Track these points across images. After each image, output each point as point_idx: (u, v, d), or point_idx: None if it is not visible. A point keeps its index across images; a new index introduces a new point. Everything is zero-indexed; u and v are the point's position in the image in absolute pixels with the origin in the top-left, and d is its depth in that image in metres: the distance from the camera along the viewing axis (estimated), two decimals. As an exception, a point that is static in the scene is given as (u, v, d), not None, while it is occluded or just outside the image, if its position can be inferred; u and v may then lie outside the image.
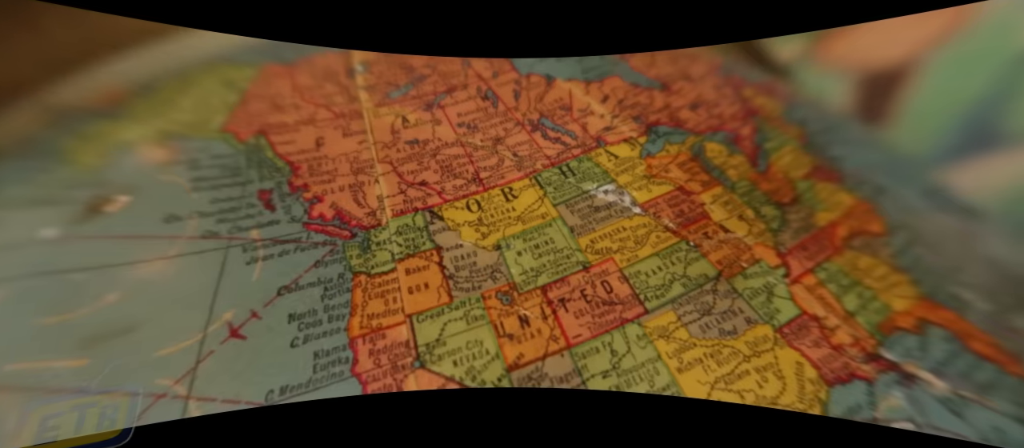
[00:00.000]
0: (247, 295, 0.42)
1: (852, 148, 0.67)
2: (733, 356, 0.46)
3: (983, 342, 0.44)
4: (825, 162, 0.64)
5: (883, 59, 0.64)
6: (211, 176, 0.50)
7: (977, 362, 0.42)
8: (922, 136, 0.60)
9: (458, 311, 0.48)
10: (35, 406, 0.35)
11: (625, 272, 0.53)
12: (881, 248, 0.53)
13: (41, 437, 0.34)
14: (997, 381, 0.41)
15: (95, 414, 0.35)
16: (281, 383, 0.39)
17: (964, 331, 0.44)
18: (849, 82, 0.66)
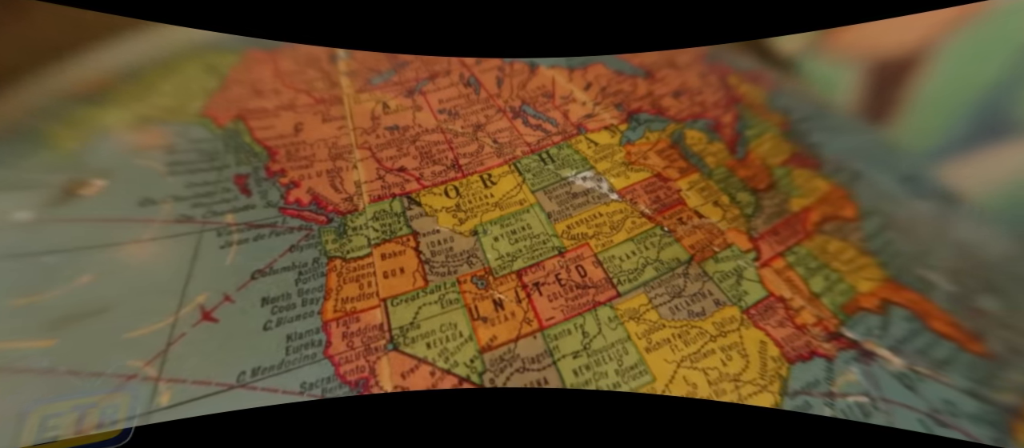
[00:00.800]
0: (220, 279, 0.42)
1: (833, 135, 0.66)
2: (700, 336, 0.45)
3: (943, 321, 0.44)
4: (804, 149, 0.63)
5: (894, 46, 0.61)
6: (188, 160, 0.49)
7: (936, 340, 0.42)
8: (933, 125, 0.57)
9: (433, 295, 0.48)
10: (34, 406, 0.34)
11: (600, 257, 0.52)
12: (852, 232, 0.53)
13: (41, 437, 0.34)
14: (954, 357, 0.41)
15: (95, 414, 0.35)
16: (253, 365, 0.39)
17: (926, 311, 0.44)
18: (858, 71, 0.63)
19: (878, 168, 0.60)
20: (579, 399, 0.43)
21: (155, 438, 0.35)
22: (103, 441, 0.35)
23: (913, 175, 0.58)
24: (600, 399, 0.43)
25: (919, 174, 0.57)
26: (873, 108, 0.62)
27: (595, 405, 0.43)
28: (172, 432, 0.35)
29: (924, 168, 0.56)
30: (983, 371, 0.41)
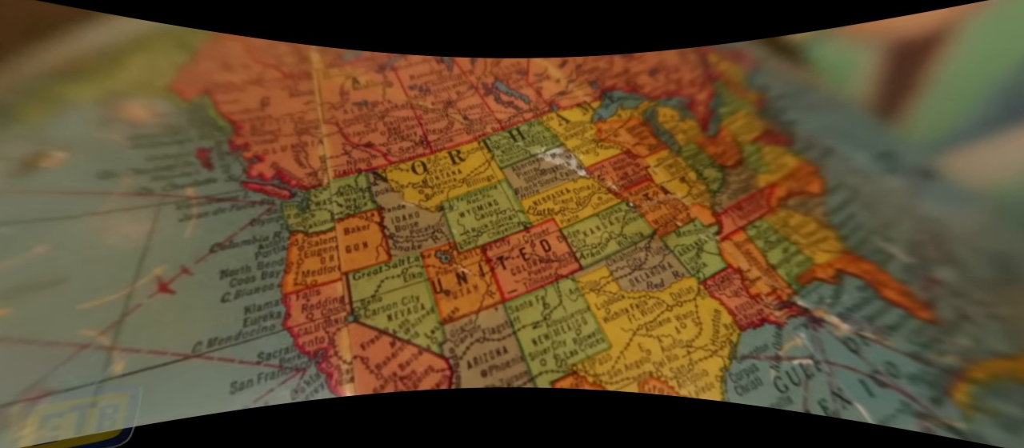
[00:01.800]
0: (178, 251, 0.41)
1: (810, 112, 0.64)
2: (657, 306, 0.45)
3: (896, 291, 0.43)
4: (777, 126, 0.62)
5: (914, 24, 0.57)
6: (151, 134, 0.48)
7: (886, 307, 0.42)
8: (954, 107, 0.54)
9: (396, 269, 0.47)
10: (35, 406, 0.34)
11: (565, 232, 0.52)
12: (815, 207, 0.52)
13: (41, 437, 0.33)
14: (901, 323, 0.41)
15: (95, 414, 0.35)
16: (210, 336, 0.39)
17: (880, 281, 0.44)
18: (875, 52, 0.59)
19: (853, 145, 0.59)
20: (578, 399, 0.42)
21: (155, 438, 0.35)
22: (103, 441, 0.34)
23: (890, 152, 0.57)
24: (599, 399, 0.42)
25: (896, 151, 0.56)
26: (892, 91, 0.58)
27: (593, 405, 0.43)
28: (172, 432, 0.35)
29: (934, 152, 0.53)
30: (929, 336, 0.41)
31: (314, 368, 0.40)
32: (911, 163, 0.55)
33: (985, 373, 0.38)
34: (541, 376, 0.43)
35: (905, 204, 0.53)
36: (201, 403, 0.36)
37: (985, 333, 0.41)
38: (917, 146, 0.55)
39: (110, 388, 0.35)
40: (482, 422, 0.41)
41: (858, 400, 0.38)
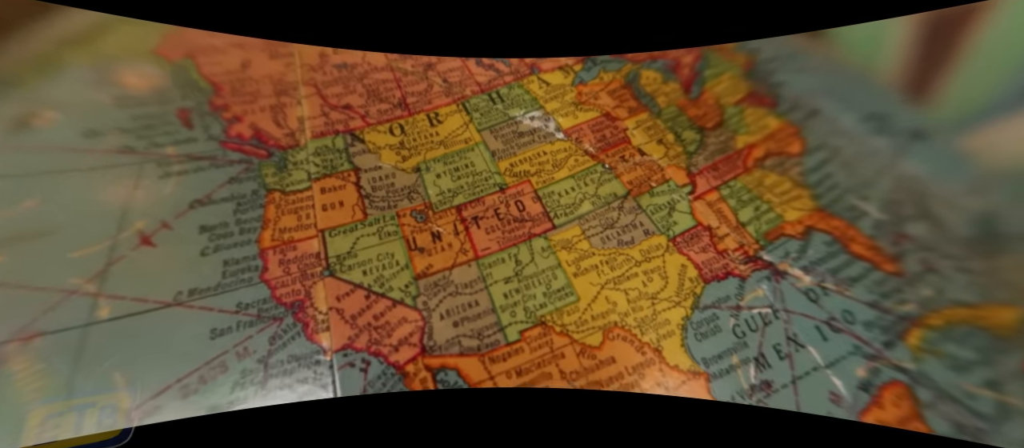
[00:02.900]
0: (159, 207, 0.44)
1: (799, 75, 0.65)
2: (626, 262, 0.47)
3: (863, 245, 0.45)
4: (763, 88, 0.63)
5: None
6: (135, 94, 0.51)
7: (851, 261, 0.44)
8: (990, 78, 0.52)
9: (371, 227, 0.50)
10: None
11: (539, 193, 0.54)
12: (792, 167, 0.54)
13: (41, 437, 0.35)
14: (864, 275, 0.43)
15: (95, 414, 0.36)
16: (190, 286, 0.42)
17: (848, 237, 0.46)
18: (907, 21, 0.58)
19: (841, 106, 0.60)
20: (575, 399, 0.43)
21: (155, 438, 0.37)
22: (103, 441, 0.36)
23: (880, 113, 0.58)
24: (596, 399, 0.43)
25: (887, 112, 0.57)
26: (925, 64, 0.55)
27: (591, 405, 0.44)
28: (172, 432, 0.37)
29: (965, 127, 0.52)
30: (890, 287, 0.42)
31: (291, 318, 0.43)
32: (902, 124, 0.56)
33: (942, 320, 0.40)
34: (510, 327, 0.45)
35: (887, 164, 0.54)
36: (183, 346, 0.39)
37: (949, 284, 0.43)
38: (948, 123, 0.53)
39: (100, 334, 0.38)
40: (481, 422, 0.43)
41: (811, 344, 0.40)
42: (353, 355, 0.42)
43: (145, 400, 0.36)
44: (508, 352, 0.44)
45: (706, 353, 0.42)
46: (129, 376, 0.37)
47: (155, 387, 0.37)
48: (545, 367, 0.43)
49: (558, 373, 0.43)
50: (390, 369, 0.42)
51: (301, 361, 0.41)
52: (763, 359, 0.40)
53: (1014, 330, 0.39)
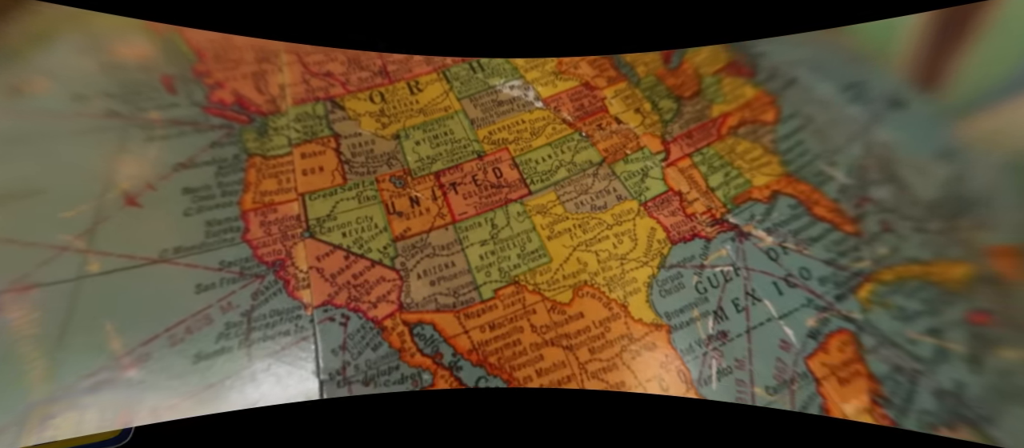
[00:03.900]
0: (144, 169, 0.48)
1: (781, 45, 0.68)
2: (598, 225, 0.51)
3: (826, 208, 0.49)
4: (743, 59, 0.66)
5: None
6: (122, 63, 0.54)
7: (812, 222, 0.48)
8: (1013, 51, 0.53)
9: (351, 192, 0.53)
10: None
11: (517, 160, 0.57)
12: (765, 134, 0.57)
13: (41, 437, 0.36)
14: (823, 235, 0.47)
15: (94, 414, 0.37)
16: (175, 244, 0.45)
17: (813, 200, 0.49)
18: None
19: (820, 76, 0.63)
20: (569, 399, 0.45)
21: (155, 438, 0.39)
22: (103, 441, 0.38)
23: (859, 82, 0.61)
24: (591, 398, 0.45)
25: (867, 81, 0.60)
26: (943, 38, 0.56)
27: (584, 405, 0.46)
28: (172, 432, 0.39)
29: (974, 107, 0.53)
30: (848, 246, 0.46)
31: (272, 275, 0.47)
32: (881, 93, 0.59)
33: (894, 275, 0.44)
34: (485, 286, 0.49)
35: (859, 131, 0.57)
36: (169, 300, 0.43)
37: (905, 243, 0.46)
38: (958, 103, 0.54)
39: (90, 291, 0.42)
40: (479, 422, 0.45)
41: (767, 298, 0.44)
42: (333, 310, 0.46)
43: (135, 347, 0.40)
44: (482, 309, 0.48)
45: (669, 308, 0.45)
46: (119, 325, 0.41)
47: (144, 336, 0.41)
48: (517, 322, 0.47)
49: (529, 327, 0.46)
50: (369, 323, 0.46)
51: (283, 315, 0.45)
52: (721, 312, 0.44)
53: (962, 284, 0.43)
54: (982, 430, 0.38)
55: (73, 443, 0.37)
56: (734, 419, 0.43)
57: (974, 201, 0.49)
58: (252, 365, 0.42)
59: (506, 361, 0.45)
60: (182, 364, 0.40)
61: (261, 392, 0.41)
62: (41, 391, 0.38)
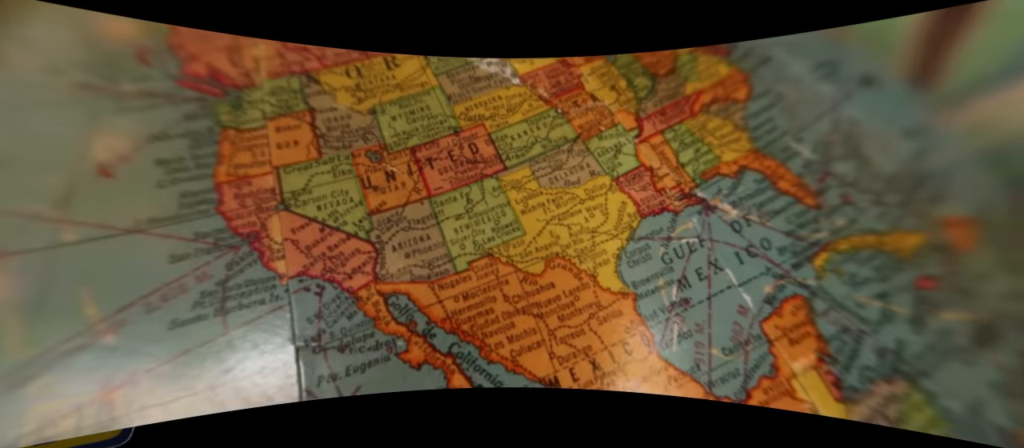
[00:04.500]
0: (117, 140, 0.49)
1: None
2: (571, 200, 0.54)
3: (790, 183, 0.52)
4: (721, 39, 0.69)
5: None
6: (97, 35, 0.55)
7: (776, 196, 0.51)
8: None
9: (326, 166, 0.55)
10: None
11: (493, 136, 0.60)
12: (736, 112, 0.60)
13: (41, 437, 0.37)
14: (785, 208, 0.50)
15: (94, 414, 0.38)
16: (148, 215, 0.47)
17: (778, 175, 0.53)
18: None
19: (794, 55, 0.66)
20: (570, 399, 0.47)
21: (155, 438, 0.40)
22: (103, 441, 0.39)
23: (833, 61, 0.64)
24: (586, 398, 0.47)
25: (839, 60, 0.63)
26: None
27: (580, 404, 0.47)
28: (172, 432, 0.41)
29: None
30: (808, 218, 0.50)
31: (247, 246, 0.49)
32: (854, 71, 0.62)
33: (849, 245, 0.48)
34: (459, 258, 0.52)
35: (828, 108, 0.61)
36: (144, 269, 0.45)
37: (863, 215, 0.50)
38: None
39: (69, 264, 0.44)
40: (476, 422, 0.47)
41: (728, 267, 0.47)
42: (308, 281, 0.48)
43: (111, 313, 0.42)
44: (456, 280, 0.51)
45: (636, 277, 0.49)
46: (94, 293, 0.43)
47: (120, 303, 0.43)
48: (490, 292, 0.50)
49: (502, 297, 0.49)
50: (343, 293, 0.48)
51: (258, 285, 0.47)
52: (685, 280, 0.47)
53: (913, 253, 0.47)
54: (918, 383, 0.42)
55: (73, 443, 0.38)
56: (734, 419, 0.45)
57: (934, 175, 0.53)
58: (228, 332, 0.44)
59: (478, 328, 0.48)
60: (158, 330, 0.43)
61: (237, 358, 0.43)
62: (18, 355, 0.40)
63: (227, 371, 0.42)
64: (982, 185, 0.50)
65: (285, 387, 0.43)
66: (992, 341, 0.42)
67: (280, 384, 0.43)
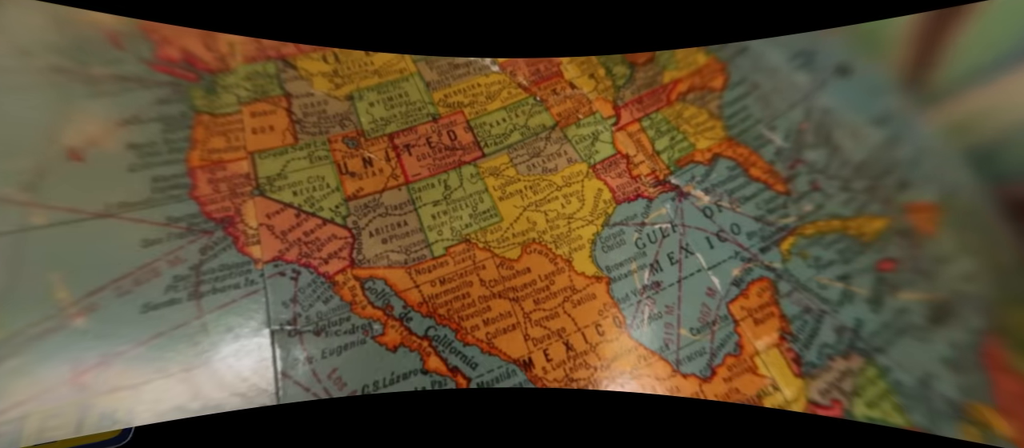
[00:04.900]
0: (88, 124, 0.50)
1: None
2: (548, 187, 0.56)
3: (762, 170, 0.55)
4: (701, 29, 0.71)
5: None
6: (69, 17, 0.55)
7: (747, 182, 0.54)
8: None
9: (302, 151, 0.56)
10: (35, 405, 0.39)
11: (471, 123, 0.61)
12: (711, 100, 0.63)
13: (41, 437, 0.38)
14: (756, 194, 0.53)
15: (95, 414, 0.39)
16: (120, 199, 0.48)
17: (751, 162, 0.55)
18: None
19: (772, 44, 0.69)
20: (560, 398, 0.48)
21: (155, 438, 0.41)
22: (103, 441, 0.40)
23: (807, 50, 0.66)
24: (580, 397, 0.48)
25: (816, 50, 0.66)
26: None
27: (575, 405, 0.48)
28: (172, 432, 0.41)
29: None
30: (777, 204, 0.52)
31: (221, 231, 0.50)
32: (829, 61, 0.65)
33: (815, 229, 0.50)
34: (437, 244, 0.53)
35: (802, 97, 0.63)
36: (115, 253, 0.46)
37: (830, 201, 0.53)
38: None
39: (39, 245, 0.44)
40: (474, 421, 0.48)
41: (699, 251, 0.50)
42: (284, 266, 0.50)
43: (82, 297, 0.43)
44: (433, 265, 0.52)
45: (610, 262, 0.51)
46: (65, 276, 0.43)
47: (91, 287, 0.44)
48: (467, 277, 0.51)
49: (478, 281, 0.51)
50: (320, 279, 0.50)
51: (232, 270, 0.48)
52: (657, 264, 0.50)
53: (876, 236, 0.50)
54: (872, 359, 0.45)
55: (73, 443, 0.39)
56: (734, 419, 0.47)
57: (902, 163, 0.55)
58: (202, 316, 0.45)
59: (455, 312, 0.49)
60: (130, 314, 0.43)
61: (211, 341, 0.44)
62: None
63: (201, 353, 0.43)
64: (949, 172, 0.53)
65: (260, 369, 0.44)
66: (947, 319, 0.45)
67: (255, 366, 0.44)
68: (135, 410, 0.40)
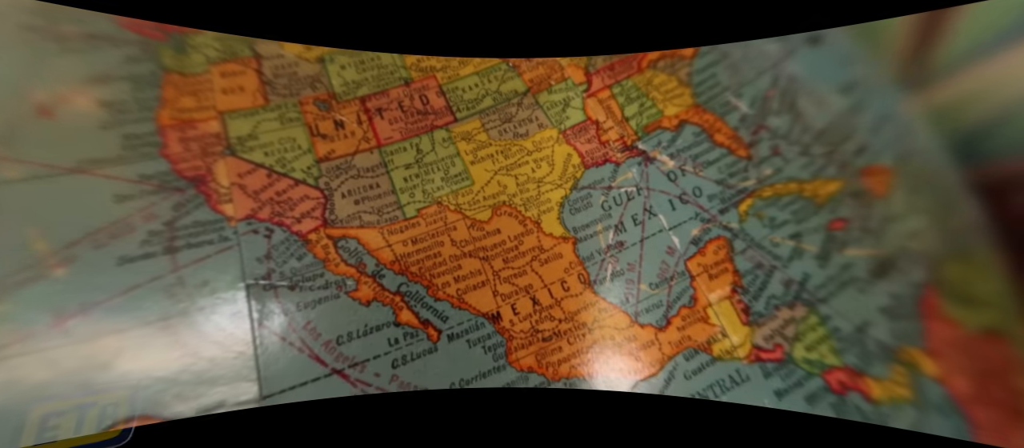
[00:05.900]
0: (58, 81, 0.54)
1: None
2: (519, 151, 0.62)
3: (726, 136, 0.62)
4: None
5: None
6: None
7: (711, 148, 0.61)
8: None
9: (273, 113, 0.61)
10: (35, 405, 0.41)
11: (444, 88, 0.67)
12: (681, 68, 0.69)
13: (41, 437, 0.40)
14: (719, 159, 0.60)
15: (95, 414, 0.41)
16: (92, 156, 0.52)
17: (715, 128, 0.62)
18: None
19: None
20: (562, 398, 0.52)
21: (155, 438, 0.43)
22: (103, 441, 0.42)
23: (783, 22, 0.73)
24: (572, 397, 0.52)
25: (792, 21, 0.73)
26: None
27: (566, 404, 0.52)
28: (172, 432, 0.44)
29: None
30: (738, 168, 0.59)
31: (193, 190, 0.55)
32: (801, 31, 0.71)
33: (772, 192, 0.57)
34: (409, 205, 0.59)
35: (771, 65, 0.70)
36: (89, 208, 0.50)
37: (788, 165, 0.60)
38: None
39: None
40: (471, 421, 0.52)
41: (662, 213, 0.57)
42: (256, 224, 0.55)
43: (60, 248, 0.48)
44: (405, 226, 0.58)
45: (577, 223, 0.57)
46: (42, 229, 0.48)
47: (67, 239, 0.48)
48: (438, 237, 0.57)
49: (449, 241, 0.57)
50: (293, 237, 0.55)
51: (206, 226, 0.53)
52: (621, 225, 0.56)
53: (829, 198, 0.57)
54: (815, 308, 0.52)
55: (73, 443, 0.41)
56: (733, 420, 0.50)
57: (861, 128, 0.63)
58: (178, 270, 0.50)
59: (426, 270, 0.55)
60: (107, 265, 0.48)
61: (187, 292, 0.49)
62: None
63: (178, 304, 0.49)
64: (908, 137, 0.60)
65: (237, 319, 0.49)
66: (888, 273, 0.52)
67: (232, 316, 0.49)
68: (123, 355, 0.45)
